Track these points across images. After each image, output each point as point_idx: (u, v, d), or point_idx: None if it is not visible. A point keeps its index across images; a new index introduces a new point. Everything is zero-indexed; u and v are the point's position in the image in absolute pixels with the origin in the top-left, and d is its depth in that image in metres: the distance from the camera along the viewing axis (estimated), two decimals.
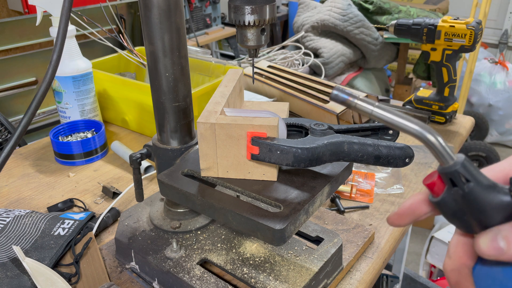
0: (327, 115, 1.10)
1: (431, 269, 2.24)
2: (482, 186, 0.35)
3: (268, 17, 0.58)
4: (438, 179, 0.37)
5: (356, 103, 0.38)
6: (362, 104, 0.38)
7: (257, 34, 0.59)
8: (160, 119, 0.69)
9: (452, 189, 0.36)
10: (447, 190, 0.37)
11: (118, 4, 2.45)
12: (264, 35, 0.60)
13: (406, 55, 2.43)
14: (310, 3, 2.33)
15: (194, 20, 3.05)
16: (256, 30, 0.59)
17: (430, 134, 0.36)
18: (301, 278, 0.63)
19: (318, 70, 1.92)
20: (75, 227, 0.79)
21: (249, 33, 0.59)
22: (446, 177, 0.36)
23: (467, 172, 0.35)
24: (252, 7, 0.57)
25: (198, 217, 0.75)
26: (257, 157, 0.57)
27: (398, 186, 0.97)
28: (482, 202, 0.35)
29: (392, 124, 0.37)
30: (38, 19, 1.03)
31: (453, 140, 1.17)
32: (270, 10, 0.58)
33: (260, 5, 0.57)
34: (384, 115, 0.37)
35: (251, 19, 0.57)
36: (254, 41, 0.60)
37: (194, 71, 1.31)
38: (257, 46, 0.61)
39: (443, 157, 0.36)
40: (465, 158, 0.36)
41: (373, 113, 0.38)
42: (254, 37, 0.60)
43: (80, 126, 1.12)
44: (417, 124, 0.36)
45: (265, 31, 0.59)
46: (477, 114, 3.49)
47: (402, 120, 0.37)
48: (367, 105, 0.38)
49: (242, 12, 0.57)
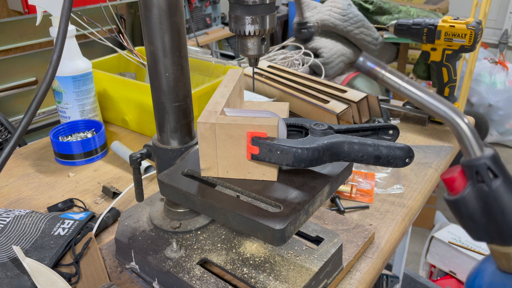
0: (327, 115, 1.10)
1: (431, 269, 2.24)
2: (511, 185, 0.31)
3: (268, 27, 0.59)
4: (459, 174, 0.33)
5: (383, 74, 0.34)
6: (390, 77, 0.34)
7: (257, 43, 0.60)
8: (160, 119, 0.69)
9: (476, 185, 0.32)
10: (469, 186, 0.32)
11: (118, 4, 2.45)
12: (265, 44, 0.60)
13: (406, 55, 2.43)
14: (310, 3, 2.33)
15: (194, 20, 3.04)
16: (257, 39, 0.60)
17: (460, 119, 0.32)
18: (301, 278, 0.63)
19: (318, 70, 1.92)
20: (75, 227, 0.79)
21: (249, 42, 0.60)
22: (471, 170, 0.32)
23: (497, 166, 0.31)
24: (253, 17, 0.57)
25: (198, 217, 0.75)
26: (257, 157, 0.57)
27: (398, 186, 0.97)
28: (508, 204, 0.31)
29: (420, 103, 0.34)
30: (38, 19, 1.03)
31: (453, 140, 1.18)
32: (270, 20, 0.58)
33: (260, 15, 0.57)
34: (413, 91, 0.34)
35: (251, 29, 0.58)
36: (254, 51, 0.61)
37: (194, 71, 1.31)
38: (258, 55, 0.61)
39: (471, 147, 0.32)
40: (495, 151, 0.32)
41: (401, 88, 0.34)
42: (255, 47, 0.60)
43: (80, 126, 1.12)
44: (448, 106, 0.32)
45: (265, 41, 0.60)
46: (477, 114, 3.49)
47: (431, 99, 0.33)
48: (396, 78, 0.34)
49: (242, 23, 0.58)
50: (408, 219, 0.89)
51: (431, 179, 1.01)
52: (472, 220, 0.33)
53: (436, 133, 1.21)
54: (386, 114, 1.20)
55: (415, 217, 0.93)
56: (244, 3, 0.56)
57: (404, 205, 0.92)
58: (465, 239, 2.12)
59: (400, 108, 1.28)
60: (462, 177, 0.33)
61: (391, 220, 0.87)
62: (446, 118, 0.33)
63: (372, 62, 0.34)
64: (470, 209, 0.32)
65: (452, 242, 2.10)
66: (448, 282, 2.11)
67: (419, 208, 0.94)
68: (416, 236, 2.65)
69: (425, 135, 1.20)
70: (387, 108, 1.27)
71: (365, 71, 0.34)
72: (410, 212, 0.90)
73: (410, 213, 0.90)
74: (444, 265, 2.15)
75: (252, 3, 0.56)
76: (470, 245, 2.08)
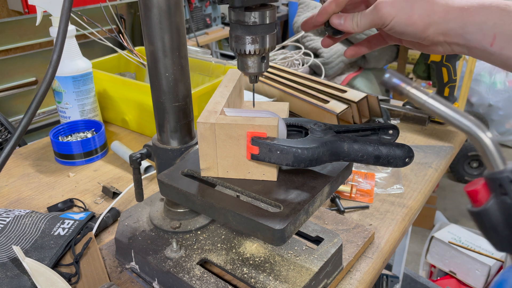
0: (327, 115, 1.10)
1: (431, 269, 2.24)
2: None
3: (268, 46, 0.59)
4: (482, 186, 0.34)
5: (408, 91, 0.36)
6: (415, 93, 0.36)
7: (257, 61, 0.60)
8: (160, 119, 0.69)
9: (499, 198, 0.33)
10: (492, 198, 0.33)
11: (118, 4, 2.45)
12: (265, 62, 0.61)
13: (406, 55, 2.43)
14: (310, 3, 2.33)
15: (194, 20, 3.04)
16: (257, 58, 0.60)
17: (483, 134, 0.33)
18: (301, 278, 0.63)
19: (318, 70, 1.92)
20: (75, 227, 0.79)
21: (249, 61, 0.60)
22: (495, 183, 0.33)
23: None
24: (253, 37, 0.57)
25: (198, 217, 0.75)
26: (257, 157, 0.57)
27: (398, 186, 0.97)
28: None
29: (444, 118, 0.35)
30: (38, 19, 1.03)
31: (453, 140, 1.18)
32: (270, 39, 0.59)
33: (260, 35, 0.58)
34: (437, 107, 0.35)
35: (251, 48, 0.58)
36: (254, 69, 0.61)
37: (194, 71, 1.31)
38: (258, 73, 0.62)
39: (494, 160, 0.33)
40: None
41: (425, 104, 0.35)
42: (255, 65, 0.61)
43: (80, 126, 1.12)
44: (471, 121, 0.34)
45: (265, 59, 0.61)
46: (477, 114, 3.49)
47: (455, 114, 0.34)
48: (421, 94, 0.35)
49: (243, 42, 0.58)
50: (408, 219, 0.89)
51: (431, 179, 1.01)
52: (495, 231, 0.34)
53: (436, 133, 1.21)
54: (386, 114, 1.20)
55: (415, 217, 0.93)
56: (245, 23, 0.57)
57: (404, 205, 0.92)
58: (465, 239, 2.12)
59: (400, 108, 1.28)
60: (485, 190, 0.34)
61: (391, 220, 0.87)
62: (470, 133, 0.34)
63: (398, 79, 0.36)
64: (493, 220, 0.33)
65: (452, 242, 2.10)
66: (448, 282, 2.11)
67: (419, 208, 0.94)
68: (416, 236, 2.65)
69: (425, 135, 1.20)
70: (387, 108, 1.27)
71: (390, 87, 0.36)
72: (410, 212, 0.90)
73: (410, 213, 0.90)
74: (444, 265, 2.15)
75: (252, 23, 0.57)
76: (470, 245, 2.08)
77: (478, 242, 2.09)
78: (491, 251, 2.04)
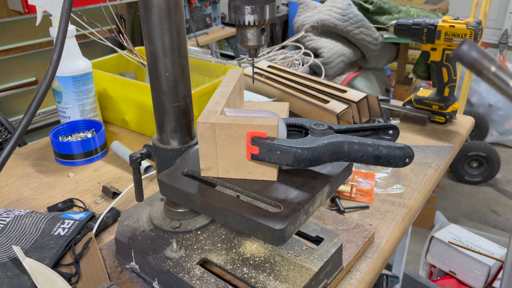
0: (327, 115, 1.10)
1: (431, 269, 2.24)
2: None
3: (268, 17, 0.58)
4: None
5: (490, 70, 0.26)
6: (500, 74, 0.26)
7: (257, 34, 0.59)
8: (160, 119, 0.69)
9: None
10: None
11: (118, 4, 2.45)
12: (264, 35, 0.60)
13: (406, 55, 2.43)
14: (310, 3, 2.33)
15: (194, 20, 3.04)
16: (256, 30, 0.59)
17: None
18: (301, 278, 0.63)
19: (318, 70, 1.92)
20: (75, 227, 0.79)
21: (249, 33, 0.59)
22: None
23: None
24: (252, 7, 0.57)
25: (198, 217, 0.75)
26: (257, 157, 0.57)
27: (398, 186, 0.97)
28: None
29: None
30: (38, 19, 1.03)
31: (453, 140, 1.18)
32: (270, 10, 0.58)
33: (260, 5, 0.57)
34: None
35: (251, 19, 0.57)
36: (254, 41, 0.60)
37: (194, 71, 1.31)
38: (257, 46, 0.61)
39: None
40: None
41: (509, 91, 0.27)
42: (254, 37, 0.60)
43: (80, 126, 1.12)
44: None
45: (265, 31, 0.59)
46: (477, 114, 3.49)
47: None
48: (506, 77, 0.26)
49: (242, 12, 0.57)
50: (408, 219, 0.89)
51: (431, 179, 1.01)
52: None
53: (436, 133, 1.21)
54: (386, 114, 1.20)
55: (415, 217, 0.93)
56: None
57: (404, 205, 0.92)
58: (465, 239, 2.12)
59: (400, 108, 1.28)
60: None
61: (391, 220, 0.87)
62: None
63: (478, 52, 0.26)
64: None
65: (452, 242, 2.10)
66: (448, 282, 2.11)
67: (419, 208, 0.94)
68: (416, 236, 2.65)
69: (425, 135, 1.20)
70: (387, 108, 1.27)
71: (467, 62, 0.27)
72: (410, 212, 0.90)
73: (410, 213, 0.90)
74: (444, 265, 2.15)
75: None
76: (470, 245, 2.08)
77: (478, 242, 2.09)
78: (491, 251, 2.05)
